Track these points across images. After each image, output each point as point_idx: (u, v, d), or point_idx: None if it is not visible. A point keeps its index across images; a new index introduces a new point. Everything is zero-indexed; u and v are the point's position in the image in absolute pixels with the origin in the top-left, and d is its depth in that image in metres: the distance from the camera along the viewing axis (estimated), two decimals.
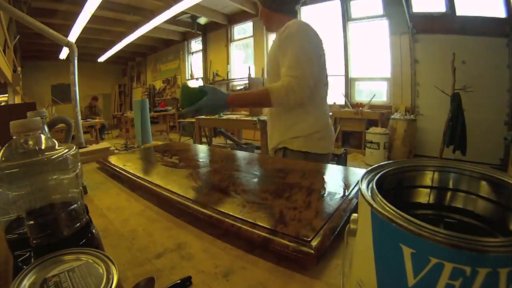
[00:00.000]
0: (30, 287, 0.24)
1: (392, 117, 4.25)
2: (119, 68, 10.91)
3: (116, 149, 1.40)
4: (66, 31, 4.97)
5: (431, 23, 3.94)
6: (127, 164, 0.95)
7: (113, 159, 1.03)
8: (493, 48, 3.48)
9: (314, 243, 0.42)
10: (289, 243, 0.43)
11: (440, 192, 0.34)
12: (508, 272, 0.18)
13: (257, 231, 0.47)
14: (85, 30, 5.39)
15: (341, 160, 3.55)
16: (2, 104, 4.03)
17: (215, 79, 6.93)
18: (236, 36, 6.82)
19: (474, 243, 0.18)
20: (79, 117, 1.53)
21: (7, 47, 3.94)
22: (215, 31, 6.99)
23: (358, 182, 0.29)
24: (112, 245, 0.50)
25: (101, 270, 0.26)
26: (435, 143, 3.81)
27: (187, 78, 8.14)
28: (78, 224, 0.36)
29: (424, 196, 0.35)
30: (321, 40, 1.10)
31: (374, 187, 0.27)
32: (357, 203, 0.28)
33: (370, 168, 0.32)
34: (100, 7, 4.46)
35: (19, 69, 4.93)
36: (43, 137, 0.35)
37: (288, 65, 0.98)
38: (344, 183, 0.72)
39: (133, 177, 0.80)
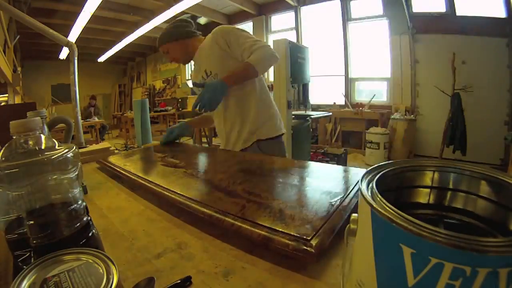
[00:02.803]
0: (30, 287, 0.24)
1: (392, 117, 4.25)
2: (119, 68, 10.90)
3: (116, 149, 1.40)
4: (66, 31, 4.96)
5: (431, 23, 3.94)
6: (127, 164, 0.95)
7: (113, 159, 1.03)
8: (493, 48, 3.48)
9: (314, 242, 0.42)
10: (289, 242, 0.43)
11: (440, 192, 0.34)
12: (508, 272, 0.18)
13: (257, 230, 0.47)
14: (85, 30, 5.38)
15: (341, 160, 3.56)
16: (2, 104, 4.02)
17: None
18: None
19: (474, 243, 0.18)
20: (79, 117, 1.53)
21: (7, 47, 3.94)
22: None
23: (358, 182, 0.29)
24: (112, 245, 0.50)
25: (101, 270, 0.26)
26: (435, 143, 3.81)
27: (187, 78, 8.14)
28: (78, 224, 0.36)
29: (424, 196, 0.35)
30: None
31: (374, 187, 0.27)
32: (357, 203, 0.28)
33: (370, 168, 0.32)
34: (100, 7, 4.46)
35: (19, 69, 4.93)
36: (43, 137, 0.35)
37: (249, 42, 1.13)
38: (344, 183, 0.72)
39: (133, 177, 0.80)
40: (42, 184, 0.33)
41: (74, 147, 0.36)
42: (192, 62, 1.37)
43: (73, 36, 5.40)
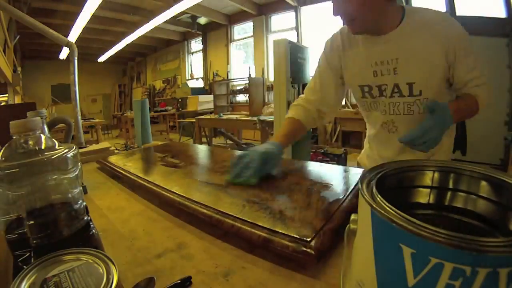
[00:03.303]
0: (30, 287, 0.24)
1: None
2: (119, 68, 10.91)
3: (116, 149, 1.40)
4: (66, 31, 4.96)
5: None
6: (127, 164, 0.95)
7: (113, 159, 1.03)
8: (493, 48, 3.48)
9: (314, 243, 0.42)
10: (289, 243, 0.43)
11: (440, 192, 0.34)
12: (508, 272, 0.18)
13: (257, 231, 0.47)
14: (85, 30, 5.39)
15: (341, 160, 3.55)
16: (2, 104, 4.02)
17: (215, 79, 6.94)
18: (236, 36, 6.82)
19: (474, 243, 0.18)
20: (79, 117, 1.53)
21: (7, 47, 3.94)
22: (215, 31, 6.99)
23: (358, 182, 0.29)
24: (112, 245, 0.50)
25: (101, 270, 0.26)
26: None
27: (187, 78, 8.14)
28: (78, 224, 0.36)
29: (424, 196, 0.35)
30: None
31: (374, 187, 0.27)
32: (357, 203, 0.28)
33: (370, 168, 0.32)
34: (100, 7, 4.46)
35: (19, 69, 4.92)
36: (43, 137, 0.35)
37: (477, 71, 0.83)
38: (344, 183, 0.72)
39: (133, 177, 0.80)
40: (42, 184, 0.33)
41: (74, 147, 0.36)
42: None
43: (73, 36, 5.40)
